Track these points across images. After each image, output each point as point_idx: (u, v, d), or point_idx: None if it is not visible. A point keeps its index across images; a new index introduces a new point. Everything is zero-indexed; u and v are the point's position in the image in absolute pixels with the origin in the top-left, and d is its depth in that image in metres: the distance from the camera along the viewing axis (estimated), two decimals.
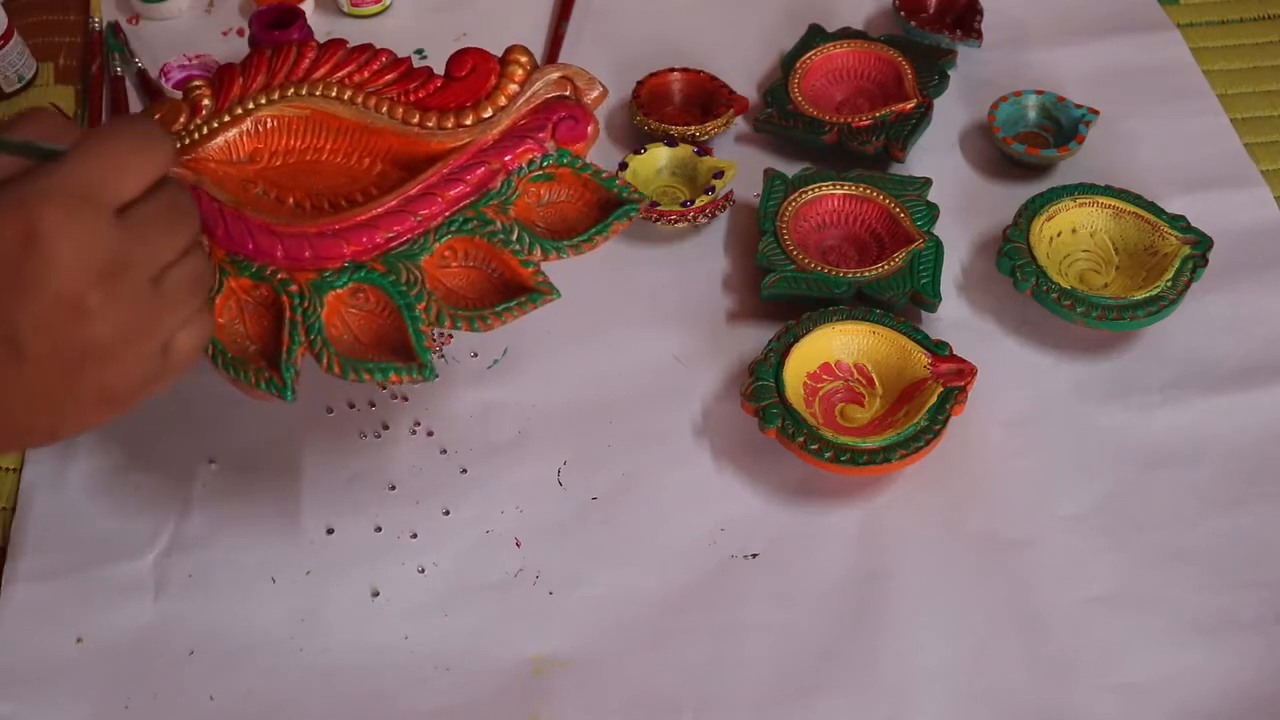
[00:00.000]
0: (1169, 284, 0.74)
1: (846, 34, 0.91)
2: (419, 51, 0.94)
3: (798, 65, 0.88)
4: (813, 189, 0.80)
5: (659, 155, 0.84)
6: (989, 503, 0.69)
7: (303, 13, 0.90)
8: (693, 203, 0.80)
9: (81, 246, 0.45)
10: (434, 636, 0.65)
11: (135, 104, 0.90)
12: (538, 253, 0.62)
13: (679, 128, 0.85)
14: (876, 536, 0.68)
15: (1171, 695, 0.62)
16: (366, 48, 0.66)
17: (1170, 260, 0.75)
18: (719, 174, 0.81)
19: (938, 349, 0.71)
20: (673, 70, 0.89)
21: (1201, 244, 0.76)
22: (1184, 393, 0.74)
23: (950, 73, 0.89)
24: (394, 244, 0.61)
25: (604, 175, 0.64)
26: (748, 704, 0.63)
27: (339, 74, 0.65)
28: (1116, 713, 0.62)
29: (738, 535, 0.68)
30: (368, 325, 0.62)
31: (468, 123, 0.63)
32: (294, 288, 0.60)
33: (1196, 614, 0.65)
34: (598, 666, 0.64)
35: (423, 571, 0.67)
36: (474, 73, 0.64)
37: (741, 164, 0.83)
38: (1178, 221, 0.77)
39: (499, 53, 0.66)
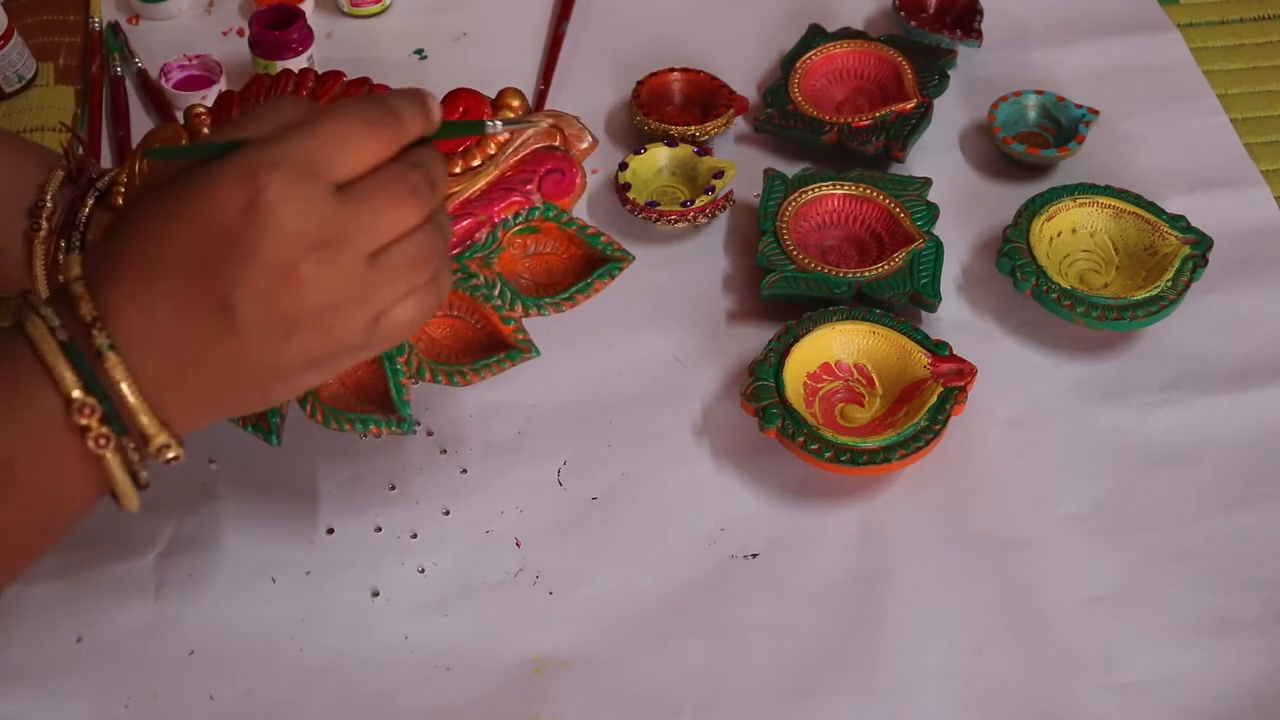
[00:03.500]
0: (1169, 284, 0.74)
1: (846, 34, 0.91)
2: (418, 51, 0.94)
3: (798, 65, 0.88)
4: (813, 189, 0.80)
5: (659, 155, 0.84)
6: (989, 503, 0.69)
7: (303, 13, 0.90)
8: (693, 203, 0.80)
9: (299, 217, 0.46)
10: (434, 636, 0.65)
11: (135, 104, 0.90)
12: (519, 309, 0.63)
13: (679, 128, 0.85)
14: (876, 536, 0.68)
15: (1172, 695, 0.62)
16: (363, 82, 0.65)
17: (1170, 260, 0.75)
18: (719, 174, 0.81)
19: (938, 349, 0.71)
20: (673, 70, 0.89)
21: (1201, 244, 0.76)
22: (1184, 393, 0.74)
23: (950, 73, 0.89)
24: None
25: (589, 231, 0.64)
26: (748, 704, 0.63)
27: None
28: (1116, 713, 0.62)
29: (738, 535, 0.68)
30: (351, 374, 0.62)
31: (456, 171, 0.63)
32: None
33: (1197, 614, 0.65)
34: (598, 666, 0.64)
35: (423, 571, 0.67)
36: (466, 116, 0.64)
37: (741, 164, 0.83)
38: (1178, 221, 0.77)
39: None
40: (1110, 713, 0.62)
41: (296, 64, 0.88)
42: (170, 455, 0.49)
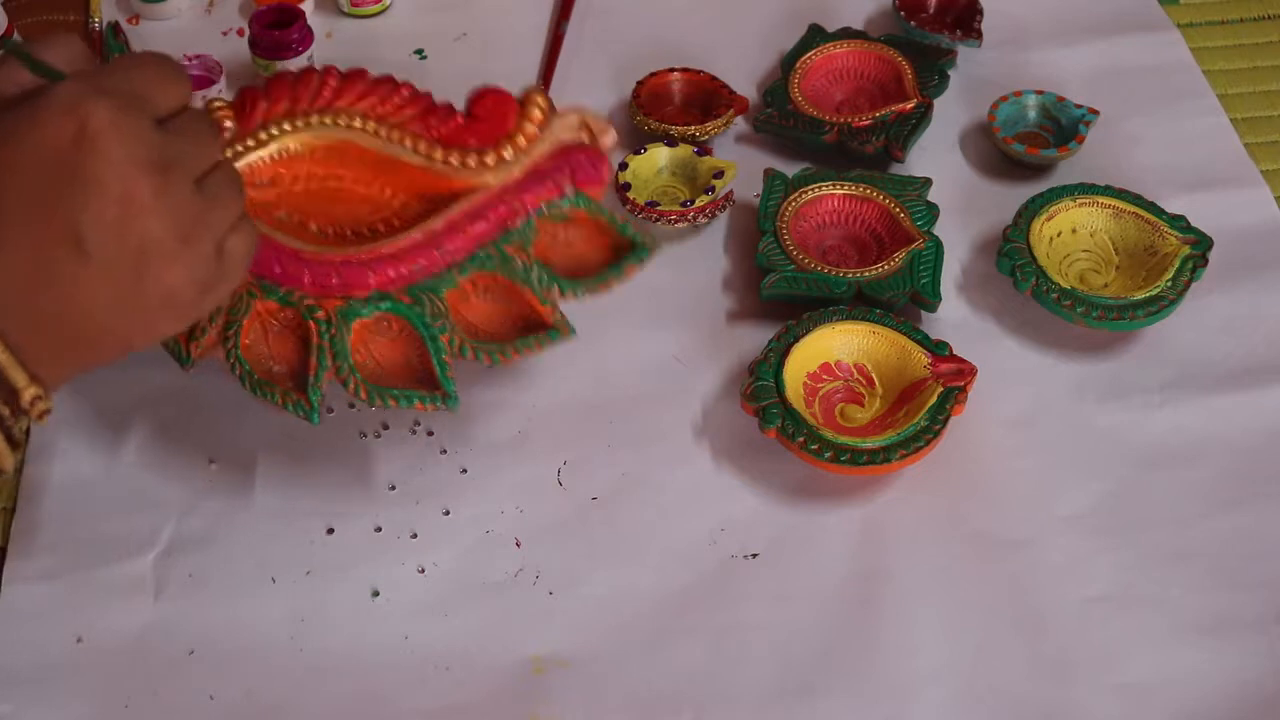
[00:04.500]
0: (1169, 284, 0.74)
1: (846, 34, 0.91)
2: (419, 51, 0.94)
3: (798, 65, 0.88)
4: (813, 189, 0.80)
5: (659, 155, 0.84)
6: (989, 503, 0.69)
7: (303, 13, 0.90)
8: (693, 203, 0.80)
9: (130, 143, 0.48)
10: (434, 636, 0.65)
11: None
12: (555, 291, 0.65)
13: (679, 128, 0.85)
14: (876, 536, 0.68)
15: (1172, 695, 0.62)
16: (388, 79, 0.67)
17: (1170, 260, 0.75)
18: (719, 174, 0.81)
19: (938, 349, 0.71)
20: (673, 70, 0.89)
21: (1201, 244, 0.76)
22: (1184, 393, 0.74)
23: (950, 73, 0.89)
24: (419, 276, 0.64)
25: (618, 220, 0.66)
26: (748, 704, 0.63)
27: (362, 104, 0.67)
28: (1116, 713, 0.62)
29: (738, 535, 0.68)
30: (391, 353, 0.64)
31: (489, 162, 0.65)
32: (321, 314, 0.62)
33: (1197, 614, 0.65)
34: (598, 666, 0.64)
35: (423, 571, 0.67)
36: (494, 113, 0.67)
37: (741, 164, 0.83)
38: (1178, 221, 0.77)
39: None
40: (1110, 713, 0.62)
41: (296, 64, 0.89)
42: (42, 408, 0.49)
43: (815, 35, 0.91)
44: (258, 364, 0.63)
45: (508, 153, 0.66)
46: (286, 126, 0.65)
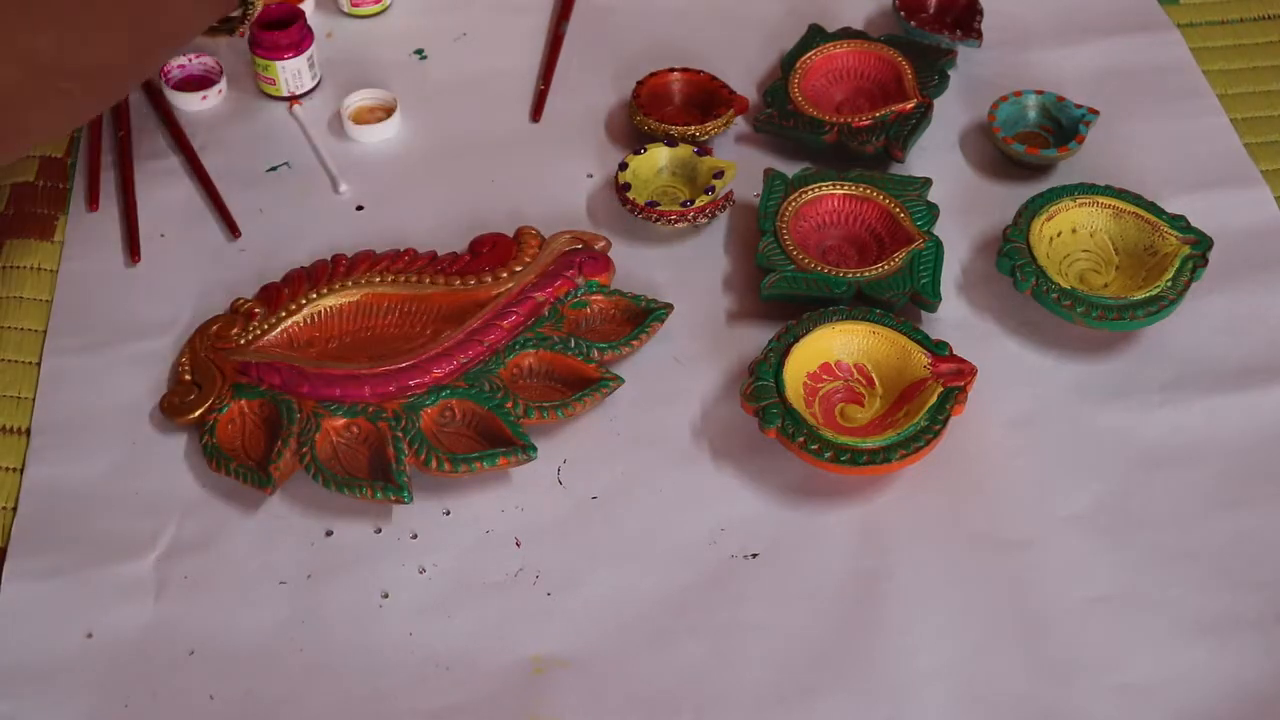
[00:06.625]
0: (1169, 284, 0.74)
1: (846, 34, 0.91)
2: (418, 51, 0.94)
3: (798, 65, 0.88)
4: (813, 189, 0.80)
5: (659, 155, 0.84)
6: (989, 503, 0.69)
7: (303, 13, 0.90)
8: (693, 203, 0.80)
9: None
10: (434, 636, 0.65)
11: (135, 103, 0.90)
12: (595, 354, 0.73)
13: (679, 128, 0.85)
14: (876, 536, 0.68)
15: (1172, 695, 0.62)
16: (392, 250, 0.77)
17: (1170, 260, 0.75)
18: (719, 174, 0.81)
19: (938, 349, 0.71)
20: (673, 70, 0.89)
21: (1201, 244, 0.76)
22: (1184, 393, 0.74)
23: (950, 73, 0.89)
24: (468, 368, 0.72)
25: (630, 295, 0.76)
26: (748, 704, 0.63)
27: (376, 267, 0.76)
28: (1117, 713, 0.62)
29: (738, 535, 0.68)
30: (457, 440, 0.70)
31: (504, 275, 0.76)
32: (388, 413, 0.70)
33: (1197, 614, 0.65)
34: (598, 666, 0.64)
35: (423, 572, 0.67)
36: (495, 248, 0.77)
37: (741, 164, 0.83)
38: (1178, 221, 0.77)
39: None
40: (1110, 713, 0.62)
41: (296, 64, 0.89)
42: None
43: (815, 35, 0.91)
44: (333, 475, 0.68)
45: (519, 266, 0.76)
46: (314, 295, 0.75)
